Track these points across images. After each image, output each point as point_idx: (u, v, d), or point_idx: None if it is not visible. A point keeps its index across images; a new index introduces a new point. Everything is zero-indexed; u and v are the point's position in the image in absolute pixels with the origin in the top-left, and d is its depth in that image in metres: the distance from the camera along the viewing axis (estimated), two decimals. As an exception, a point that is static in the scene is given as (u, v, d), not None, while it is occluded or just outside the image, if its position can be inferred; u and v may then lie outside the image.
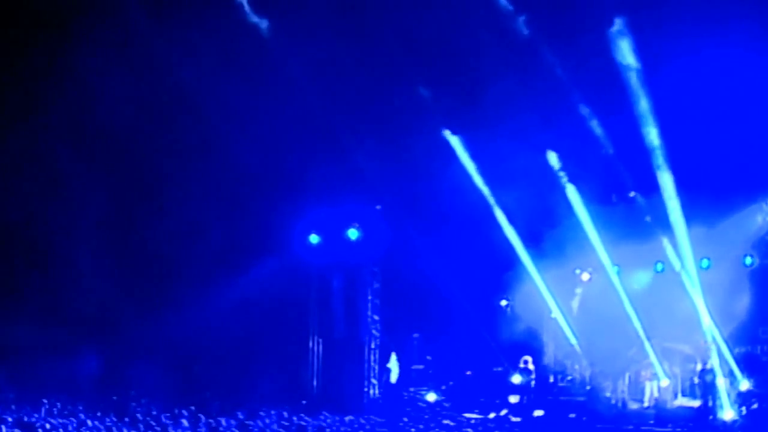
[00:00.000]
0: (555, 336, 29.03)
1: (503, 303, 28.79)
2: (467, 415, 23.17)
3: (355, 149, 23.67)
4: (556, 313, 27.32)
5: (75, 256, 23.47)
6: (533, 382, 24.80)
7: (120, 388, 22.54)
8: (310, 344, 26.15)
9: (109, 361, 23.50)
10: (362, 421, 21.76)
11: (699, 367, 24.57)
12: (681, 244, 23.38)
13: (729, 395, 22.54)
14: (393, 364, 25.97)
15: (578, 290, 27.87)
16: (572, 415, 22.85)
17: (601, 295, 28.10)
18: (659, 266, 26.39)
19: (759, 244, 21.43)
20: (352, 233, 25.51)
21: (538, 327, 28.86)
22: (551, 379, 26.71)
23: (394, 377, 26.05)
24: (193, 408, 21.61)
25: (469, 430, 20.93)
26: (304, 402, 23.32)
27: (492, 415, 23.05)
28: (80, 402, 20.99)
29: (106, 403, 21.38)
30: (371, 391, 25.25)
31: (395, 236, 25.36)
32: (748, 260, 23.77)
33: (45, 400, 19.92)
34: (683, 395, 24.20)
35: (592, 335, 28.00)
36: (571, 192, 24.32)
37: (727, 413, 21.52)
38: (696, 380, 24.01)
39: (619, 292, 27.68)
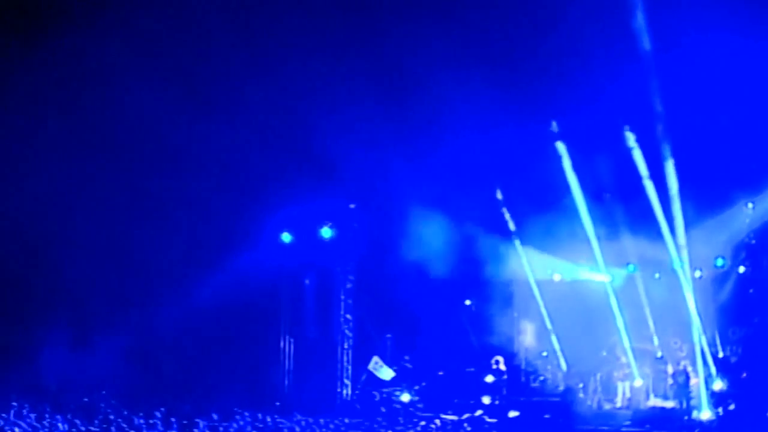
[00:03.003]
0: (526, 336, 29.07)
1: (467, 302, 28.76)
2: (442, 416, 22.93)
3: (329, 146, 23.42)
4: (547, 311, 27.11)
5: (43, 255, 22.89)
6: (505, 382, 24.58)
7: (90, 389, 22.00)
8: (282, 344, 25.81)
9: (78, 361, 22.93)
10: (336, 422, 21.44)
11: (670, 368, 24.74)
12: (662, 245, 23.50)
13: (703, 396, 22.66)
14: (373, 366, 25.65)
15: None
16: (547, 416, 22.74)
17: (573, 295, 28.27)
18: (630, 267, 26.54)
19: (737, 247, 21.43)
20: (326, 232, 25.21)
21: (509, 327, 28.92)
22: (523, 379, 26.63)
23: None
24: (164, 409, 21.21)
25: None
26: (276, 403, 22.90)
27: (466, 416, 22.84)
28: (49, 403, 20.49)
29: (77, 404, 20.86)
30: (344, 392, 24.99)
31: (369, 235, 25.14)
32: (720, 262, 23.92)
33: (14, 403, 19.39)
34: (656, 396, 24.27)
35: (564, 335, 28.09)
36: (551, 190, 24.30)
37: (704, 414, 21.62)
38: (669, 381, 24.09)
39: (591, 293, 27.96)
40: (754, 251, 19.13)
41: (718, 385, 22.51)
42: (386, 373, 24.19)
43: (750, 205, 18.87)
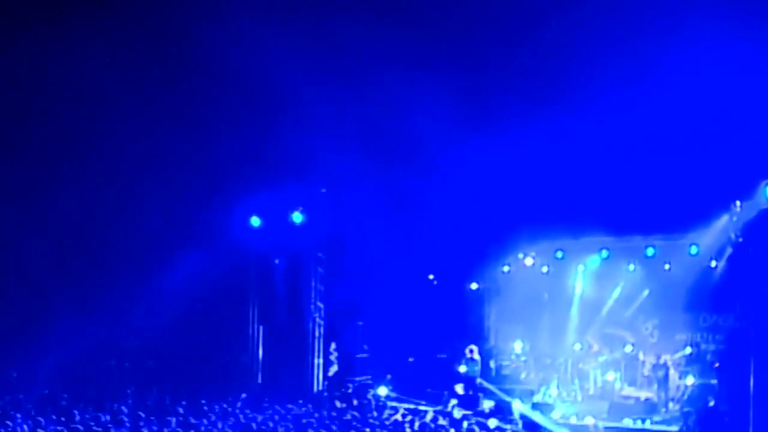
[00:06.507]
0: (496, 321, 28.83)
1: (430, 277, 28.39)
2: (417, 407, 22.55)
3: (301, 131, 22.77)
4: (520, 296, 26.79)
5: (9, 244, 21.99)
6: (478, 372, 24.22)
7: (52, 385, 21.12)
8: (251, 331, 25.17)
9: (40, 355, 22.01)
10: (313, 412, 20.93)
11: (642, 355, 24.66)
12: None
13: (678, 388, 22.61)
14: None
15: None
16: (521, 406, 22.44)
17: (546, 281, 28.07)
18: (604, 253, 26.35)
19: (722, 243, 21.29)
20: (296, 217, 24.49)
21: (480, 312, 28.67)
22: (492, 365, 26.33)
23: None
24: (131, 402, 20.53)
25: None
26: (243, 395, 22.28)
27: (440, 408, 22.48)
28: (10, 397, 19.71)
29: (38, 399, 20.03)
30: (316, 382, 24.47)
31: (341, 220, 24.48)
32: (694, 249, 23.78)
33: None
34: (629, 385, 24.15)
35: (536, 320, 27.93)
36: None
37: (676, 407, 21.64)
38: (643, 370, 23.99)
39: (563, 279, 27.79)
40: (739, 248, 18.96)
41: (691, 379, 22.43)
42: None
43: (738, 203, 18.71)
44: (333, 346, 25.10)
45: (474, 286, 28.57)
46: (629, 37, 17.90)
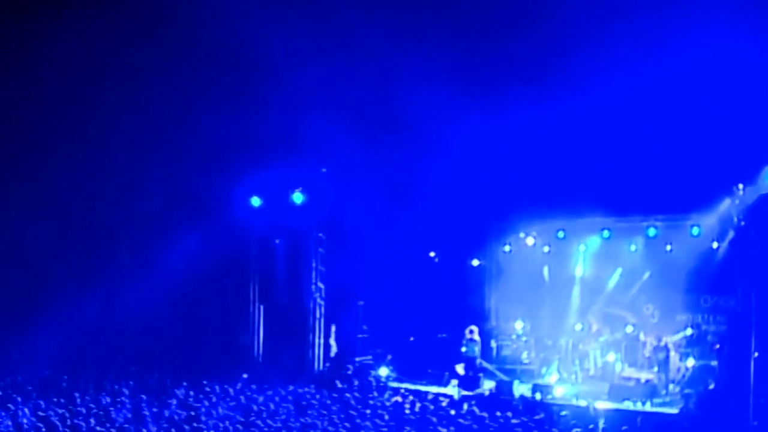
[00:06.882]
0: (497, 301, 28.77)
1: (432, 254, 28.34)
2: (419, 388, 22.58)
3: (301, 111, 22.67)
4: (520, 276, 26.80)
5: (9, 225, 21.92)
6: (479, 353, 24.21)
7: (53, 367, 21.11)
8: (251, 312, 25.16)
9: (41, 338, 22.00)
10: (314, 393, 20.97)
11: (643, 335, 24.63)
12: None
13: (679, 370, 22.60)
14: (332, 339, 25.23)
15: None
16: (523, 387, 22.46)
17: (546, 260, 28.02)
18: (605, 233, 26.26)
19: (724, 227, 21.22)
20: (297, 197, 24.41)
21: (481, 292, 28.60)
22: (493, 345, 26.32)
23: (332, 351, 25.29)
24: (132, 383, 20.54)
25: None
26: (244, 375, 22.30)
27: (441, 390, 22.52)
28: (10, 378, 19.70)
29: (39, 381, 20.03)
30: (316, 362, 24.49)
31: (341, 200, 24.41)
32: (695, 231, 23.71)
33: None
34: (630, 365, 24.12)
35: (535, 300, 27.88)
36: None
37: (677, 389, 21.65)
38: (644, 351, 23.96)
39: (564, 259, 27.73)
40: (740, 231, 18.90)
41: (692, 361, 22.44)
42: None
43: (740, 186, 18.63)
44: (333, 326, 25.12)
45: (475, 262, 28.53)
46: (631, 18, 17.80)
